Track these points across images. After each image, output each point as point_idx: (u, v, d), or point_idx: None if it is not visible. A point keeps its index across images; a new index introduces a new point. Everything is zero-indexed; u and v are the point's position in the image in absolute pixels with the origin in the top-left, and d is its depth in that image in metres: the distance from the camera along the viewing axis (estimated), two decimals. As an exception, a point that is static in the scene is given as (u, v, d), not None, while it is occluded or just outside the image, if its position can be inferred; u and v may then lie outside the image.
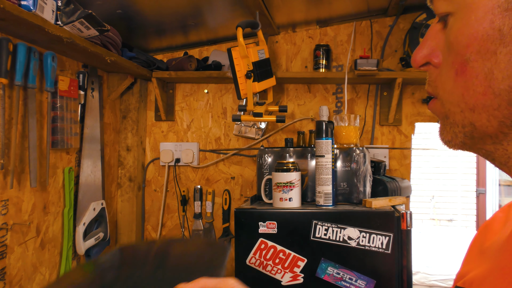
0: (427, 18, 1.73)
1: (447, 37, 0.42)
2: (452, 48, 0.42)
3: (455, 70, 0.41)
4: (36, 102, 1.29)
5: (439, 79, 0.45)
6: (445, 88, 0.44)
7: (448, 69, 0.42)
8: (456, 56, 0.41)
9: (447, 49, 0.43)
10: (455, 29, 0.41)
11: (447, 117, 0.45)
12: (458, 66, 0.41)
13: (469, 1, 0.39)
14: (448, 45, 0.42)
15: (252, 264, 1.47)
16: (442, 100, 0.45)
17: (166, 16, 1.66)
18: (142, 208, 2.00)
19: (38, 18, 1.10)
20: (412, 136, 1.90)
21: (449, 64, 0.42)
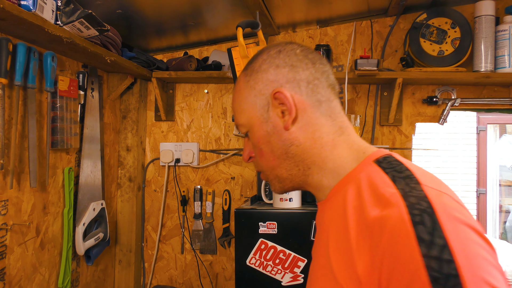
0: (428, 18, 1.73)
1: (251, 141, 0.78)
2: (254, 146, 0.77)
3: (260, 155, 0.76)
4: (35, 102, 1.28)
5: (258, 163, 0.79)
6: (262, 165, 0.78)
7: (259, 157, 0.77)
8: (257, 148, 0.76)
9: (253, 146, 0.77)
10: (252, 138, 0.76)
11: (267, 178, 0.79)
12: (259, 153, 0.76)
13: (251, 123, 0.75)
14: (253, 145, 0.77)
15: (252, 264, 1.47)
16: (262, 171, 0.79)
17: (166, 16, 1.65)
18: (142, 208, 2.00)
19: (38, 18, 1.10)
20: (413, 136, 1.90)
21: (258, 154, 0.77)
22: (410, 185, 0.59)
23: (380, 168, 0.66)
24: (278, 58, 0.73)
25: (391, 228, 0.55)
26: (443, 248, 0.51)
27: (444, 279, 0.50)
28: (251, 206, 1.55)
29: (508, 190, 4.87)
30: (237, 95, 0.77)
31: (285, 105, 0.71)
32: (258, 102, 0.73)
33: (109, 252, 1.88)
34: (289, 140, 0.72)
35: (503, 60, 1.69)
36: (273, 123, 0.72)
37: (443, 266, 0.51)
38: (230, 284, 1.98)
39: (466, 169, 5.02)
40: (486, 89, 1.86)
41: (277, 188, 0.79)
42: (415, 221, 0.54)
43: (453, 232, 0.53)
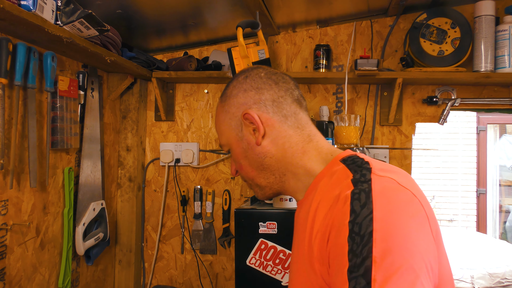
0: (428, 18, 1.73)
1: (232, 157, 0.89)
2: (235, 161, 0.89)
3: (240, 168, 0.89)
4: (35, 102, 1.28)
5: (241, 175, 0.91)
6: (243, 176, 0.91)
7: (240, 170, 0.90)
8: (237, 163, 0.89)
9: (236, 163, 0.89)
10: (232, 155, 0.89)
11: (251, 186, 0.92)
12: (239, 167, 0.89)
13: (230, 142, 0.87)
14: (235, 161, 0.89)
15: (252, 264, 1.47)
16: (247, 181, 0.91)
17: (166, 16, 1.65)
18: (142, 208, 2.00)
19: (38, 18, 1.10)
20: (413, 136, 1.90)
21: (239, 168, 0.89)
22: (362, 173, 0.70)
23: (344, 165, 0.76)
24: (245, 83, 0.85)
25: (338, 208, 0.67)
26: (367, 216, 0.62)
27: (359, 238, 0.61)
28: (251, 206, 1.55)
29: (508, 190, 4.87)
30: (216, 120, 0.90)
31: (254, 124, 0.82)
32: (233, 123, 0.85)
33: (109, 252, 1.88)
34: (263, 153, 0.84)
35: (503, 60, 1.69)
36: (247, 140, 0.84)
37: (362, 228, 0.61)
38: (230, 284, 1.98)
39: (466, 169, 5.02)
40: (486, 89, 1.86)
41: (260, 195, 0.90)
42: (354, 198, 0.65)
43: (381, 206, 0.63)
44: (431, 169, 5.05)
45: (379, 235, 0.60)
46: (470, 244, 2.89)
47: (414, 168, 1.89)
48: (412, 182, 0.72)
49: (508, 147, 4.84)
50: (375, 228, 0.60)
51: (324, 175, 0.78)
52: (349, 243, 0.61)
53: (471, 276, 2.34)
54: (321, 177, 0.79)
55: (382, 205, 0.63)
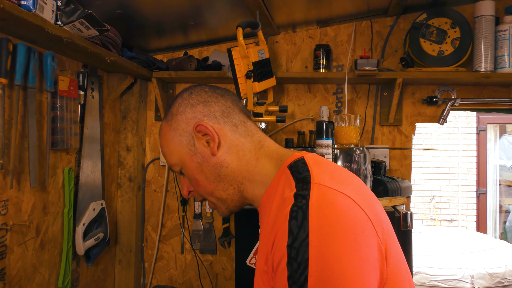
0: (428, 18, 1.73)
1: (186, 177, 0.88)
2: (190, 179, 0.87)
3: (197, 185, 0.86)
4: (36, 102, 1.28)
5: (198, 193, 0.89)
6: (202, 193, 0.88)
7: (196, 187, 0.87)
8: (193, 180, 0.86)
9: (190, 181, 0.87)
10: (186, 172, 0.86)
11: (212, 203, 0.89)
12: (195, 183, 0.86)
13: (183, 160, 0.85)
14: (188, 179, 0.88)
15: (252, 264, 1.47)
16: (206, 198, 0.89)
17: (166, 16, 1.65)
18: (142, 208, 2.00)
19: (38, 18, 1.10)
20: (413, 136, 1.90)
21: (195, 185, 0.87)
22: (302, 186, 0.70)
23: (290, 173, 0.76)
24: (191, 98, 0.86)
25: (279, 224, 0.67)
26: (304, 240, 0.62)
27: (296, 265, 0.61)
28: (251, 206, 1.55)
29: (508, 190, 4.87)
30: (163, 140, 0.87)
31: (208, 135, 0.83)
32: (183, 140, 0.84)
33: (109, 252, 1.88)
34: (219, 163, 0.83)
35: (503, 60, 1.69)
36: (201, 153, 0.83)
37: (299, 254, 0.61)
38: (230, 284, 1.98)
39: (466, 169, 5.02)
40: (486, 89, 1.86)
41: (224, 209, 0.88)
42: (292, 217, 0.65)
43: (317, 228, 0.62)
44: (431, 169, 5.05)
45: (314, 263, 0.60)
46: (470, 244, 2.89)
47: (414, 168, 1.89)
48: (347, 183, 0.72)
49: (508, 147, 4.84)
50: (311, 255, 0.61)
51: (276, 184, 0.79)
52: (288, 269, 0.62)
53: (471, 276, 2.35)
54: (274, 186, 0.79)
55: (318, 227, 0.62)
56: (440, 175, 5.05)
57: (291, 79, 1.87)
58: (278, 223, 0.67)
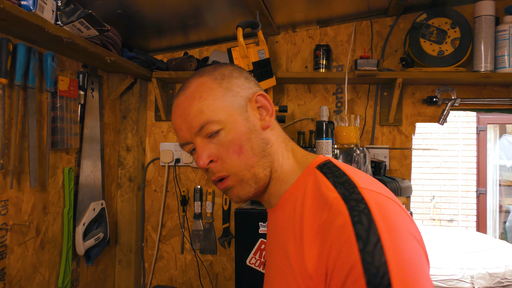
0: (428, 18, 1.73)
1: (221, 140, 0.74)
2: (230, 144, 0.74)
3: (236, 152, 0.74)
4: (36, 102, 1.28)
5: (224, 165, 0.75)
6: (233, 165, 0.75)
7: (230, 155, 0.74)
8: (235, 146, 0.74)
9: (224, 147, 0.74)
10: (229, 134, 0.74)
11: (242, 180, 0.76)
12: (238, 150, 0.74)
13: (231, 121, 0.75)
14: (226, 144, 0.74)
15: (252, 264, 1.47)
16: (234, 173, 0.75)
17: (166, 16, 1.65)
18: (142, 208, 2.00)
19: (38, 18, 1.10)
20: (413, 136, 1.90)
21: (230, 153, 0.74)
22: (348, 190, 0.67)
23: (321, 174, 0.73)
24: (243, 72, 0.82)
25: (336, 228, 0.63)
26: (377, 243, 0.60)
27: (375, 269, 0.58)
28: (251, 206, 1.55)
29: (508, 190, 4.87)
30: (207, 94, 0.76)
31: (266, 107, 0.79)
32: (236, 102, 0.77)
33: (109, 252, 1.88)
34: (266, 139, 0.78)
35: (503, 60, 1.69)
36: (252, 122, 0.77)
37: (375, 258, 0.59)
38: (230, 284, 1.98)
39: (466, 169, 5.02)
40: (486, 89, 1.86)
41: (250, 191, 0.78)
42: (354, 221, 0.62)
43: (386, 230, 0.61)
44: (431, 169, 5.05)
45: (393, 265, 0.59)
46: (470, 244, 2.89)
47: (414, 168, 1.89)
48: (383, 187, 0.71)
49: (508, 147, 4.84)
50: (388, 258, 0.59)
51: (300, 183, 0.76)
52: (365, 275, 0.59)
53: (471, 276, 2.35)
54: (299, 186, 0.76)
55: (387, 230, 0.62)
56: (440, 175, 5.05)
57: (291, 79, 1.87)
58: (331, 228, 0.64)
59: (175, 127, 0.79)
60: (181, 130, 0.77)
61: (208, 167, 0.76)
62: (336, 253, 0.62)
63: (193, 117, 0.75)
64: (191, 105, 0.76)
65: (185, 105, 0.76)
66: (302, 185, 0.75)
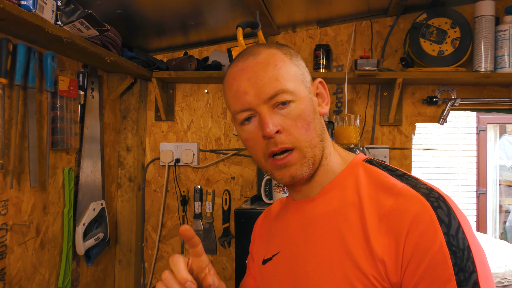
0: (428, 18, 1.72)
1: (290, 113, 0.72)
2: (299, 118, 0.72)
3: (305, 128, 0.72)
4: (36, 102, 1.28)
5: (291, 137, 0.72)
6: (300, 140, 0.72)
7: (298, 129, 0.72)
8: (303, 121, 0.72)
9: (292, 119, 0.72)
10: (298, 108, 0.72)
11: (304, 157, 0.73)
12: (306, 125, 0.72)
13: (302, 96, 0.73)
14: (295, 117, 0.72)
15: (252, 264, 1.47)
16: (299, 148, 0.73)
17: (166, 16, 1.65)
18: (142, 208, 2.00)
19: (38, 18, 1.10)
20: (413, 136, 1.90)
21: (298, 127, 0.72)
22: (412, 180, 0.70)
23: (373, 166, 0.75)
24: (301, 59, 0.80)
25: (414, 213, 0.64)
26: (458, 228, 0.63)
27: (461, 252, 0.61)
28: (251, 206, 1.55)
29: (508, 190, 4.87)
30: (282, 64, 0.73)
31: (323, 96, 0.80)
32: (305, 80, 0.76)
33: (109, 252, 1.88)
34: (323, 124, 0.78)
35: (503, 60, 1.69)
36: (314, 105, 0.76)
37: (459, 242, 0.62)
38: (230, 284, 1.98)
39: (466, 169, 5.02)
40: (486, 89, 1.86)
41: (307, 171, 0.74)
42: (434, 206, 0.64)
43: (461, 216, 0.65)
44: (431, 169, 5.05)
45: (474, 249, 0.62)
46: (470, 244, 2.89)
47: (414, 168, 1.89)
48: None
49: (508, 147, 4.84)
50: (470, 243, 0.62)
51: (347, 175, 0.76)
52: (451, 258, 0.61)
53: (471, 276, 2.34)
54: (345, 177, 0.76)
55: (461, 217, 0.65)
56: (440, 175, 5.05)
57: (291, 79, 1.87)
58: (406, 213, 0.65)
59: (239, 89, 0.73)
60: (247, 94, 0.72)
61: (273, 136, 0.71)
62: (417, 236, 0.63)
63: (266, 83, 0.71)
64: (266, 70, 0.72)
65: (257, 69, 0.72)
66: (350, 176, 0.75)
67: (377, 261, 0.65)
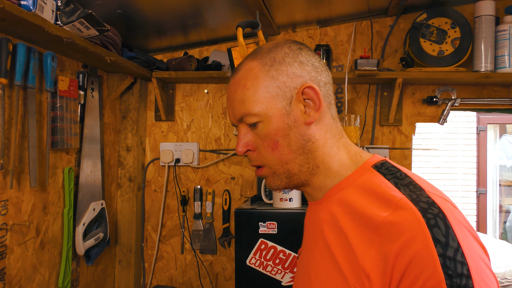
0: (428, 18, 1.73)
1: (258, 133, 0.74)
2: (266, 137, 0.73)
3: (271, 147, 0.74)
4: (35, 102, 1.28)
5: (260, 156, 0.76)
6: (267, 159, 0.75)
7: (265, 149, 0.74)
8: (270, 141, 0.73)
9: (261, 139, 0.74)
10: (265, 129, 0.73)
11: (274, 173, 0.76)
12: (272, 145, 0.73)
13: (270, 114, 0.72)
14: (262, 136, 0.74)
15: (252, 264, 1.47)
16: (268, 165, 0.76)
17: (166, 16, 1.65)
18: (142, 208, 2.00)
19: (38, 18, 1.10)
20: (413, 136, 1.90)
21: (265, 146, 0.74)
22: (415, 192, 0.64)
23: (379, 174, 0.71)
24: (301, 55, 0.75)
25: (407, 229, 0.60)
26: (457, 250, 0.57)
27: (458, 278, 0.56)
28: (251, 206, 1.55)
29: (508, 190, 4.87)
30: (251, 83, 0.73)
31: (312, 101, 0.73)
32: (280, 93, 0.72)
33: (109, 252, 1.88)
34: (308, 135, 0.74)
35: (503, 60, 1.69)
36: (294, 117, 0.73)
37: (457, 266, 0.56)
38: (230, 284, 1.98)
39: (466, 169, 5.02)
40: (486, 89, 1.86)
41: (281, 184, 0.77)
42: (430, 224, 0.59)
43: (463, 237, 0.59)
44: (431, 169, 5.05)
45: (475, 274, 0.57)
46: (470, 244, 2.89)
47: (414, 168, 1.89)
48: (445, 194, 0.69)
49: (508, 147, 4.84)
50: (470, 266, 0.57)
51: (353, 180, 0.73)
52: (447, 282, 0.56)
53: (471, 276, 2.34)
54: (350, 182, 0.73)
55: (463, 237, 0.59)
56: (440, 175, 5.05)
57: (291, 79, 1.87)
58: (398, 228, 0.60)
59: (227, 106, 0.80)
60: (229, 113, 0.79)
61: (245, 155, 0.78)
62: (408, 258, 0.58)
63: (236, 105, 0.75)
64: (236, 92, 0.75)
65: (232, 90, 0.76)
66: (354, 182, 0.72)
67: (363, 276, 0.62)
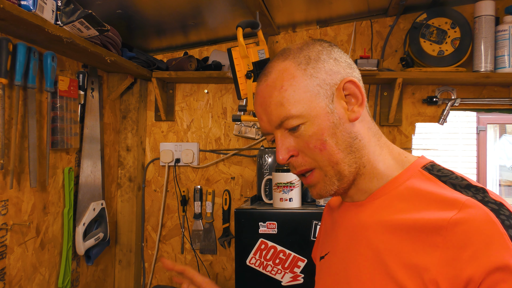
0: (428, 18, 1.73)
1: (301, 135, 0.69)
2: (311, 138, 0.68)
3: (319, 148, 0.69)
4: (36, 102, 1.28)
5: (307, 159, 0.70)
6: (317, 160, 0.70)
7: (311, 150, 0.69)
8: (317, 141, 0.68)
9: (304, 141, 0.69)
10: (310, 129, 0.68)
11: (326, 175, 0.70)
12: (320, 145, 0.68)
13: (313, 114, 0.68)
14: (306, 138, 0.69)
15: (252, 264, 1.47)
16: (319, 167, 0.70)
17: (166, 16, 1.65)
18: (142, 208, 2.00)
19: (38, 18, 1.10)
20: (413, 136, 1.90)
21: (311, 148, 0.69)
22: (479, 194, 0.63)
23: (432, 176, 0.68)
24: (333, 52, 0.72)
25: (481, 229, 0.58)
26: None
27: None
28: (251, 206, 1.55)
29: (508, 190, 4.87)
30: (289, 83, 0.69)
31: (356, 96, 0.70)
32: (322, 91, 0.69)
33: (109, 252, 1.88)
34: (354, 133, 0.70)
35: (503, 60, 1.69)
36: (338, 114, 0.69)
37: None
38: (230, 284, 1.98)
39: (466, 169, 5.01)
40: (486, 89, 1.86)
41: (333, 189, 0.71)
42: (506, 225, 0.58)
43: None
44: (431, 169, 5.05)
45: None
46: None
47: (414, 168, 1.89)
48: None
49: (508, 147, 4.84)
50: None
51: (402, 182, 0.69)
52: None
53: (471, 276, 2.34)
54: (399, 183, 0.69)
55: None
56: (440, 175, 5.06)
57: (291, 79, 1.87)
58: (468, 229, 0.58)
59: (257, 115, 0.74)
60: (262, 120, 0.72)
61: (289, 162, 0.71)
62: (486, 259, 0.56)
63: (273, 109, 0.70)
64: (271, 95, 0.70)
65: (266, 94, 0.71)
66: (404, 184, 0.69)
67: (428, 283, 0.59)
